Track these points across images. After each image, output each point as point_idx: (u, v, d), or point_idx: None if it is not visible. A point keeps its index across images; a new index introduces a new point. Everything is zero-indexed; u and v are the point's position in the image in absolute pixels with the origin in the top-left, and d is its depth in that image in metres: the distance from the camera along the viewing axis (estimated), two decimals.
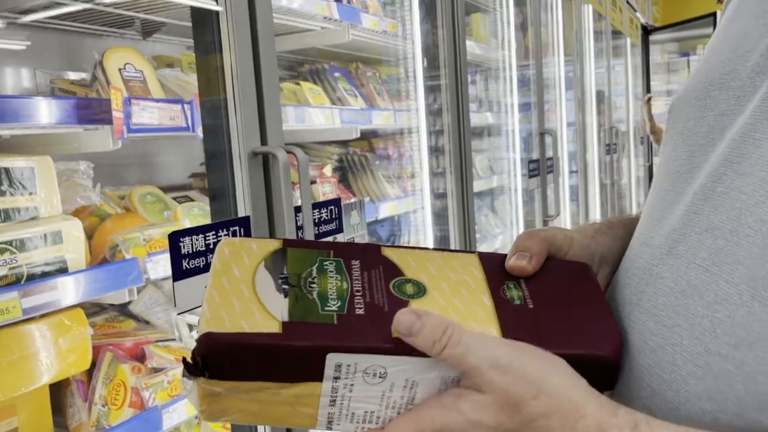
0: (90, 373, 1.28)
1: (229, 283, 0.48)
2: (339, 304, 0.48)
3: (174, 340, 1.46)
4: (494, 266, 0.55)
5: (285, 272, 0.50)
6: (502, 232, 2.91)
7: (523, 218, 2.87)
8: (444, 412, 0.45)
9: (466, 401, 0.44)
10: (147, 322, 1.50)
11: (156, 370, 1.34)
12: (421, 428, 0.45)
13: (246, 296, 0.47)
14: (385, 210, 2.04)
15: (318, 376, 0.45)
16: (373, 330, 0.46)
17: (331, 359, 0.44)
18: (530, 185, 2.75)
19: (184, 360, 0.45)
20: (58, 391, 1.28)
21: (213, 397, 0.45)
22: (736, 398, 0.39)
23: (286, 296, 0.47)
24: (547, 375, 0.43)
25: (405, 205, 2.15)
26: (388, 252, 0.54)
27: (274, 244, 0.53)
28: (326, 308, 0.47)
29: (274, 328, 0.45)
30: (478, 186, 2.44)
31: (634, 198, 5.16)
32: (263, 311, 0.46)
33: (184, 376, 0.45)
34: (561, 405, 0.42)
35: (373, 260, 0.53)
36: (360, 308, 0.48)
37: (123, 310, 1.51)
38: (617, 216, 0.66)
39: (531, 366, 0.44)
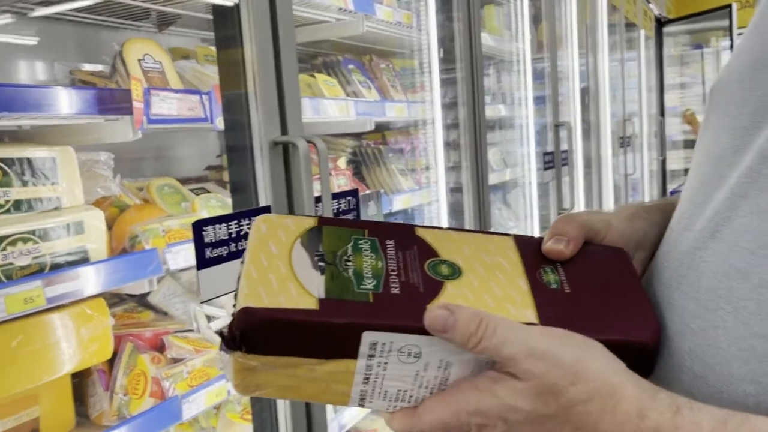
0: (111, 363, 1.29)
1: (266, 259, 0.48)
2: (374, 282, 0.48)
3: (192, 331, 1.47)
4: (530, 250, 0.54)
5: (321, 250, 0.50)
6: (515, 225, 2.90)
7: (537, 211, 2.86)
8: (479, 395, 0.44)
9: (502, 386, 0.44)
10: (165, 313, 1.50)
11: (175, 361, 1.35)
12: (456, 410, 0.45)
13: (283, 273, 0.47)
14: (398, 203, 2.03)
15: (353, 353, 0.45)
16: (409, 310, 0.46)
17: (367, 337, 0.44)
18: (545, 178, 2.74)
19: (221, 334, 0.45)
20: (79, 380, 1.29)
21: (248, 371, 0.46)
22: None
23: (322, 273, 0.48)
24: (585, 361, 0.43)
25: (419, 197, 2.15)
26: (422, 232, 0.54)
27: (310, 222, 0.53)
28: (362, 286, 0.47)
29: (311, 304, 0.45)
30: (491, 179, 2.43)
31: (647, 192, 5.13)
32: (300, 288, 0.46)
33: (221, 349, 0.46)
34: (599, 390, 0.42)
35: (407, 240, 0.52)
36: (395, 287, 0.48)
37: (141, 301, 1.52)
38: (654, 200, 0.65)
39: (568, 353, 0.43)
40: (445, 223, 2.18)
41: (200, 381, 1.32)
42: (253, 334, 0.44)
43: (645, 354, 0.48)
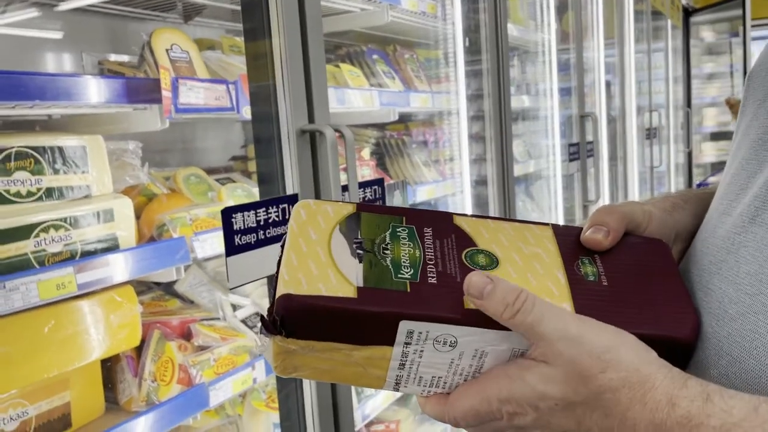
0: (139, 350, 1.30)
1: (306, 245, 0.49)
2: (412, 272, 0.48)
3: (218, 319, 1.48)
4: (568, 240, 0.54)
5: (359, 237, 0.50)
6: (539, 217, 2.87)
7: (562, 203, 2.83)
8: (510, 382, 0.45)
9: (533, 373, 0.44)
10: (191, 302, 1.52)
11: (201, 348, 1.36)
12: (487, 398, 0.45)
13: (322, 260, 0.48)
14: (422, 193, 2.03)
15: (389, 340, 0.46)
16: (446, 300, 0.46)
17: (404, 326, 0.45)
18: (570, 169, 2.71)
19: (261, 318, 0.46)
20: (109, 366, 1.30)
21: (287, 354, 0.47)
22: None
23: (360, 261, 0.48)
24: (616, 350, 0.43)
25: (443, 188, 2.14)
26: (459, 221, 0.54)
27: (348, 208, 0.53)
28: (399, 275, 0.47)
29: (350, 292, 0.45)
30: (514, 171, 2.41)
31: (673, 185, 5.05)
32: (339, 275, 0.47)
33: (261, 332, 0.47)
34: (629, 378, 0.42)
35: (445, 228, 0.52)
36: (432, 277, 0.48)
37: (168, 289, 1.53)
38: (692, 189, 0.64)
39: (600, 340, 0.43)
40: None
41: (226, 369, 1.33)
42: (293, 319, 0.45)
43: (682, 350, 0.47)
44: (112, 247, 1.14)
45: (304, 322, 0.45)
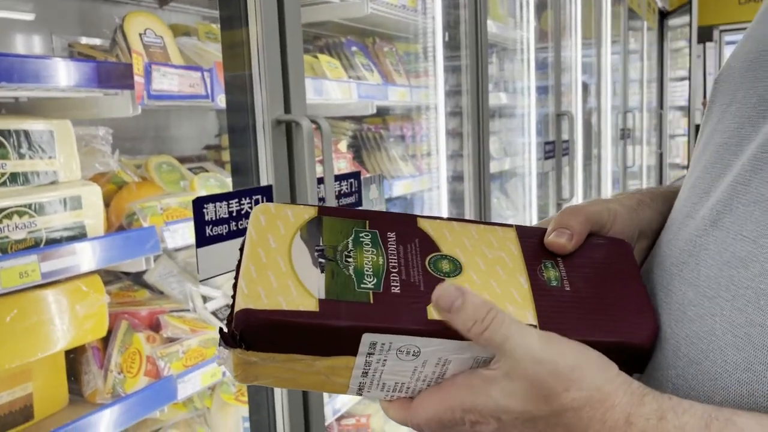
0: (106, 341, 1.28)
1: (265, 255, 0.47)
2: (375, 281, 0.47)
3: (188, 310, 1.45)
4: (532, 242, 0.54)
5: (321, 244, 0.49)
6: (513, 215, 2.89)
7: (536, 201, 2.85)
8: (473, 394, 0.45)
9: (496, 388, 0.44)
10: (161, 293, 1.49)
11: (170, 340, 1.34)
12: (450, 407, 0.46)
13: (283, 270, 0.47)
14: (398, 188, 2.02)
15: (352, 351, 0.45)
16: (409, 311, 0.46)
17: (366, 338, 0.45)
18: (545, 167, 2.72)
19: (220, 330, 0.45)
20: (74, 357, 1.27)
21: (248, 365, 0.46)
22: None
23: (322, 271, 0.47)
24: (581, 368, 0.43)
25: (419, 183, 2.13)
26: (424, 224, 0.53)
27: (310, 212, 0.52)
28: (362, 285, 0.47)
29: (311, 306, 0.45)
30: (491, 168, 2.42)
31: (645, 186, 5.13)
32: (300, 287, 0.46)
33: (220, 345, 0.46)
34: (591, 397, 0.43)
35: (408, 232, 0.52)
36: (396, 286, 0.47)
37: (137, 279, 1.50)
38: (660, 186, 0.65)
39: (564, 359, 0.44)
40: (445, 211, 2.17)
41: (195, 361, 1.31)
42: (253, 334, 0.44)
43: (640, 355, 0.48)
44: (79, 236, 1.11)
45: (264, 337, 0.44)
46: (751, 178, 0.44)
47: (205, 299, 1.50)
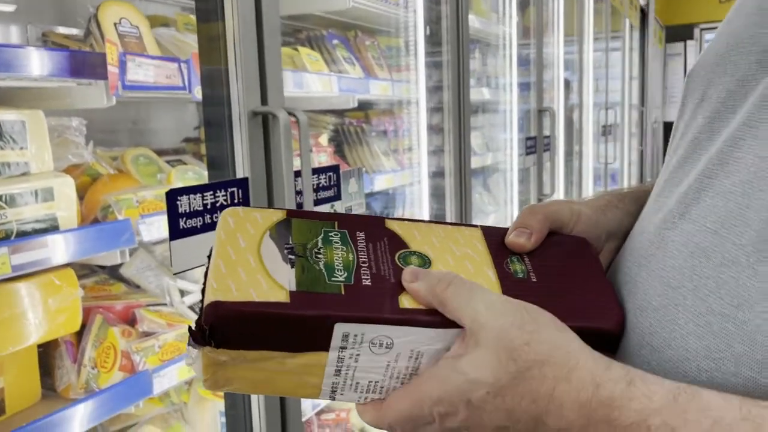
0: (79, 335, 1.26)
1: (235, 253, 0.47)
2: (346, 274, 0.47)
3: (165, 305, 1.44)
4: (497, 240, 0.55)
5: (290, 242, 0.49)
6: (494, 210, 2.90)
7: (517, 197, 2.86)
8: (441, 380, 0.45)
9: (464, 360, 0.44)
10: (138, 287, 1.47)
11: (147, 335, 1.32)
12: (419, 400, 0.45)
13: (253, 266, 0.46)
14: (380, 182, 2.01)
15: (324, 345, 0.45)
16: (381, 300, 0.46)
17: (339, 329, 0.44)
18: (526, 163, 2.73)
19: (189, 328, 0.45)
20: (46, 352, 1.25)
21: (218, 366, 0.45)
22: (733, 357, 0.40)
23: (292, 266, 0.47)
24: (539, 325, 0.44)
25: (400, 178, 2.13)
26: (392, 224, 0.54)
27: (278, 215, 0.52)
28: (333, 278, 0.47)
29: (282, 297, 0.44)
30: (472, 163, 2.42)
31: (626, 182, 5.17)
32: (270, 280, 0.45)
33: (189, 344, 0.45)
34: (553, 354, 0.43)
35: (377, 232, 0.52)
36: (367, 279, 0.47)
37: (113, 273, 1.48)
38: (629, 187, 0.66)
39: (523, 315, 0.44)
40: (426, 206, 2.17)
41: (172, 355, 1.30)
42: (223, 327, 0.43)
43: (608, 341, 0.49)
44: (51, 228, 1.09)
45: (235, 330, 0.44)
46: (717, 171, 0.45)
47: (182, 293, 1.49)
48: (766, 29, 0.45)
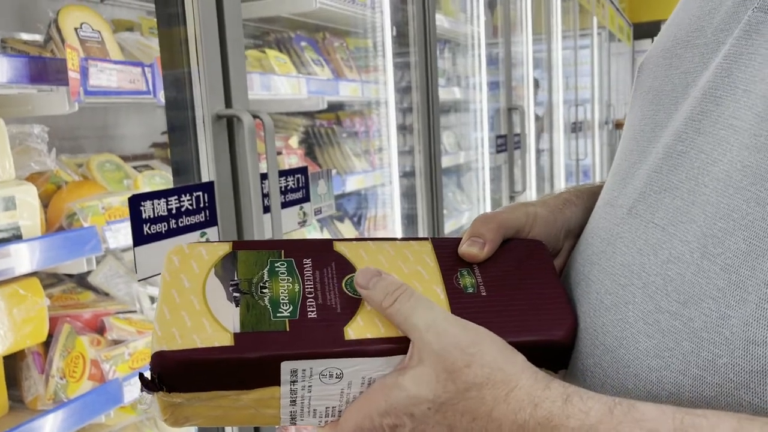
0: (47, 345, 1.24)
1: (179, 295, 0.47)
2: (291, 309, 0.47)
3: (135, 312, 1.42)
4: (447, 252, 0.54)
5: (236, 278, 0.49)
6: (468, 208, 2.92)
7: (490, 195, 2.88)
8: (387, 392, 0.45)
9: (406, 376, 0.45)
10: (107, 294, 1.46)
11: (116, 343, 1.31)
12: (369, 413, 0.46)
13: (197, 308, 0.46)
14: (352, 183, 2.01)
15: (275, 381, 0.45)
16: (326, 334, 0.46)
17: (286, 366, 0.45)
18: (497, 161, 2.76)
19: (140, 376, 0.45)
20: (13, 363, 1.23)
21: (175, 407, 0.46)
22: (681, 355, 0.40)
23: (237, 305, 0.47)
24: (481, 347, 0.44)
25: (372, 179, 2.13)
26: (340, 247, 0.53)
27: (224, 248, 0.51)
28: (278, 314, 0.47)
29: (226, 340, 0.44)
30: (445, 162, 2.44)
31: (598, 177, 5.25)
32: (214, 323, 0.45)
33: (142, 391, 0.45)
34: (492, 376, 0.43)
35: (324, 257, 0.52)
36: (312, 311, 0.47)
37: (81, 281, 1.46)
38: (587, 183, 0.66)
39: (466, 336, 0.44)
40: (397, 206, 2.18)
41: (142, 363, 1.29)
42: (171, 376, 0.44)
43: (561, 350, 0.49)
44: (14, 237, 1.07)
45: (183, 377, 0.44)
46: (663, 166, 0.45)
47: (152, 300, 1.47)
48: (707, 22, 0.46)
